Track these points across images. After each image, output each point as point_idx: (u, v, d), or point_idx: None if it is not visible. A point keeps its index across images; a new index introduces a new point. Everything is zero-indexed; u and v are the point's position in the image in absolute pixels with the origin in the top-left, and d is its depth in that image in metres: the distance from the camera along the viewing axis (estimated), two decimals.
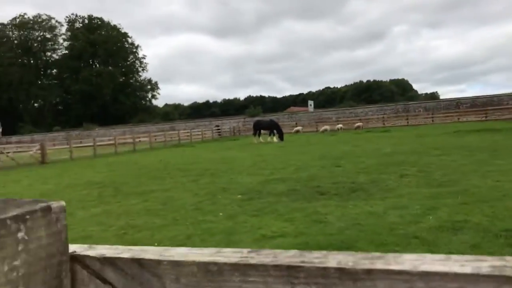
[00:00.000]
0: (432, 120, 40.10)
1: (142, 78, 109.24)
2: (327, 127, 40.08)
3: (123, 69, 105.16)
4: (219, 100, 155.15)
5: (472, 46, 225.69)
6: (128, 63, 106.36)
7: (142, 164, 19.94)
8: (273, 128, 30.28)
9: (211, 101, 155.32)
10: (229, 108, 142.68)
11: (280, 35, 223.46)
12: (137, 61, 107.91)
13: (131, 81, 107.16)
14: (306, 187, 10.06)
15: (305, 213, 7.27)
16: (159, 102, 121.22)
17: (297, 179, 11.34)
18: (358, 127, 39.49)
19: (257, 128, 30.60)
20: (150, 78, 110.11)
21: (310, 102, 56.76)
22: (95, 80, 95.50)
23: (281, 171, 13.35)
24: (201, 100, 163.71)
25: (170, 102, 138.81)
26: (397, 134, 28.85)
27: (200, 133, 42.86)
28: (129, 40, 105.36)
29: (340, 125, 40.49)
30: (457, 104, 41.96)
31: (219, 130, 46.48)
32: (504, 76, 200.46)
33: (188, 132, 41.50)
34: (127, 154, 29.16)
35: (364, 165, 13.21)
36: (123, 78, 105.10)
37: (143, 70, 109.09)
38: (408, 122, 40.85)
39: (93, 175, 16.76)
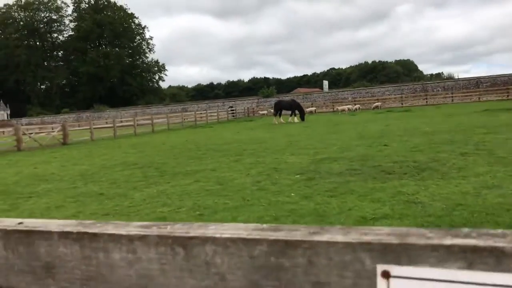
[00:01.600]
0: (452, 100, 39.43)
1: (149, 59, 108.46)
2: (347, 106, 39.50)
3: (130, 51, 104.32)
4: (222, 82, 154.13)
5: (476, 25, 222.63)
6: (135, 44, 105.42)
7: (169, 145, 19.57)
8: (294, 108, 29.79)
9: (215, 83, 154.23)
10: (234, 90, 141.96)
11: (282, 15, 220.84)
12: (144, 42, 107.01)
13: (138, 62, 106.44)
14: (365, 166, 9.65)
15: (388, 193, 6.88)
16: (162, 84, 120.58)
17: (350, 159, 10.93)
18: (377, 106, 38.90)
19: (278, 108, 30.11)
20: (157, 60, 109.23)
21: (325, 82, 56.00)
22: (103, 61, 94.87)
23: (325, 151, 12.93)
24: (204, 82, 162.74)
25: (173, 84, 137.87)
26: (421, 113, 28.31)
27: (216, 114, 42.38)
28: (136, 21, 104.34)
29: (358, 105, 39.89)
30: (477, 83, 41.22)
31: (233, 111, 45.98)
32: (508, 56, 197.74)
33: (204, 113, 41.03)
34: (147, 135, 28.80)
35: (412, 144, 12.78)
36: (130, 59, 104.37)
37: (150, 51, 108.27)
38: (427, 102, 40.20)
39: (124, 155, 16.41)
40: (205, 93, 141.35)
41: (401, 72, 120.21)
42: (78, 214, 7.39)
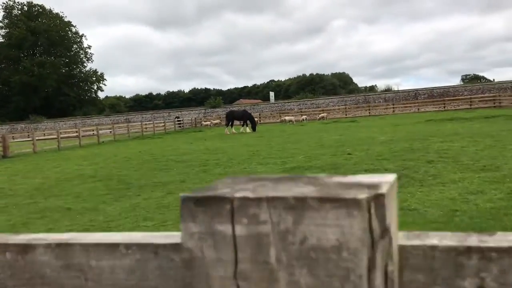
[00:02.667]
0: (393, 110, 41.19)
1: (87, 69, 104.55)
2: (292, 117, 40.10)
3: (67, 60, 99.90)
4: (162, 93, 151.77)
5: (405, 41, 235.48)
6: (72, 53, 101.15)
7: (122, 156, 18.82)
8: (246, 118, 29.80)
9: (154, 93, 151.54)
10: (174, 100, 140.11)
11: (221, 27, 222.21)
12: (81, 51, 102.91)
13: (75, 72, 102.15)
14: (339, 174, 9.72)
15: None
16: (100, 95, 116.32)
17: (320, 167, 11.01)
18: (323, 117, 39.81)
19: (231, 118, 29.96)
20: (95, 69, 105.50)
21: (271, 94, 56.60)
22: (37, 70, 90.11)
23: (292, 160, 12.96)
24: (143, 92, 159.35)
25: (110, 94, 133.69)
26: (368, 123, 29.27)
27: (163, 124, 41.45)
28: (73, 29, 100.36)
29: (305, 116, 40.62)
30: (415, 95, 43.39)
31: (179, 122, 45.21)
32: (435, 70, 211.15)
33: (150, 123, 40.02)
34: (94, 147, 27.58)
35: (375, 152, 13.10)
36: (67, 68, 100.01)
37: (88, 60, 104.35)
38: (369, 113, 41.71)
39: (78, 168, 15.56)
40: (144, 103, 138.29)
41: (337, 85, 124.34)
42: (50, 231, 6.82)
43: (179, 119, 45.79)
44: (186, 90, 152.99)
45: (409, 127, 22.80)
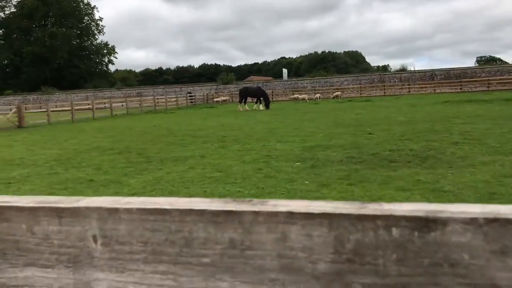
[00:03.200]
0: (409, 91, 40.62)
1: (98, 41, 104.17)
2: (305, 95, 39.75)
3: (78, 31, 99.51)
4: (171, 67, 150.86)
5: (420, 20, 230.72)
6: (84, 25, 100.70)
7: (138, 130, 18.77)
8: (260, 95, 29.51)
9: (163, 68, 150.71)
10: (183, 75, 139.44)
11: (232, 2, 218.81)
12: (93, 23, 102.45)
13: (86, 44, 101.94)
14: (364, 154, 9.58)
15: (407, 181, 6.80)
16: (111, 68, 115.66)
17: (342, 147, 10.85)
18: (337, 96, 39.39)
19: (244, 95, 29.69)
20: (107, 42, 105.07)
21: (285, 71, 55.98)
22: (49, 41, 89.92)
23: (311, 139, 12.80)
24: (152, 66, 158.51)
25: (119, 68, 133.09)
26: (384, 103, 28.90)
27: (175, 99, 41.31)
28: (85, 1, 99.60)
29: (318, 94, 40.22)
30: (431, 75, 42.69)
31: (191, 97, 44.99)
32: (449, 51, 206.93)
33: (162, 98, 39.90)
34: (107, 120, 27.59)
35: (396, 132, 12.90)
36: (78, 40, 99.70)
37: (99, 33, 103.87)
38: (384, 92, 41.18)
39: (94, 140, 15.54)
40: (154, 78, 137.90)
41: (349, 63, 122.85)
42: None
43: (191, 95, 45.58)
44: (196, 66, 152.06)
45: (427, 108, 22.45)
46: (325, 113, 23.17)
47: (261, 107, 29.48)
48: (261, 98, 29.54)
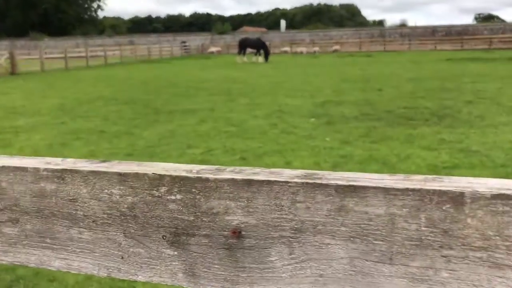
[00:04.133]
0: (409, 47, 40.02)
1: None
2: (303, 49, 39.06)
3: None
4: (161, 16, 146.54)
5: None
6: None
7: (138, 80, 18.35)
8: (260, 47, 28.83)
9: (153, 16, 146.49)
10: (174, 24, 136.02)
11: None
12: None
13: None
14: (378, 111, 9.43)
15: (431, 140, 6.70)
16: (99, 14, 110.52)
17: (354, 103, 10.67)
18: (336, 50, 38.72)
19: (244, 46, 28.99)
20: None
21: (283, 22, 54.57)
22: None
23: (320, 94, 12.58)
24: (141, 14, 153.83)
25: (107, 15, 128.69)
26: (385, 59, 28.51)
27: (170, 49, 40.33)
28: None
29: (316, 48, 39.50)
30: (432, 31, 41.98)
31: (186, 47, 43.94)
32: (447, 7, 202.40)
33: (156, 47, 38.91)
34: (102, 68, 26.91)
35: (407, 90, 12.72)
36: None
37: None
38: (385, 48, 40.55)
39: (94, 90, 15.15)
40: (143, 26, 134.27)
41: (345, 17, 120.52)
42: (94, 153, 6.60)
43: (185, 45, 44.50)
44: (187, 14, 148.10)
45: (431, 65, 22.16)
46: (327, 67, 22.80)
47: (260, 59, 28.90)
48: (261, 50, 28.90)
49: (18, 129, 8.61)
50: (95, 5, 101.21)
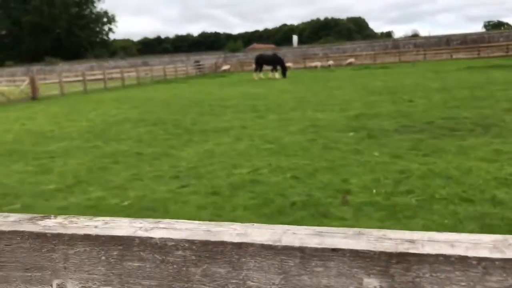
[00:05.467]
0: (424, 57, 39.74)
1: (97, 9, 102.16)
2: (317, 63, 39.03)
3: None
4: (170, 36, 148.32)
5: None
6: None
7: (160, 100, 18.32)
8: (277, 63, 28.79)
9: (162, 36, 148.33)
10: (183, 44, 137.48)
11: None
12: None
13: (86, 12, 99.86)
14: (417, 123, 9.20)
15: (486, 151, 6.44)
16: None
17: (388, 115, 10.45)
18: (350, 63, 38.59)
19: (260, 62, 28.97)
20: (106, 10, 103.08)
21: (295, 37, 54.74)
22: (47, 10, 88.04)
23: (349, 107, 12.39)
24: (149, 35, 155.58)
25: (117, 37, 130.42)
26: (402, 70, 28.26)
27: (185, 68, 40.54)
28: None
29: (331, 62, 39.42)
30: (447, 41, 41.72)
31: (199, 66, 44.17)
32: (454, 16, 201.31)
33: (172, 67, 39.13)
34: (121, 90, 27.04)
35: (438, 100, 12.47)
36: (77, 9, 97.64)
37: (98, 0, 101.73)
38: (399, 59, 40.31)
39: (119, 112, 15.12)
40: (152, 47, 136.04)
41: (353, 30, 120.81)
42: (139, 176, 6.44)
43: (199, 64, 44.74)
44: (195, 34, 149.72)
45: (452, 74, 21.88)
46: (346, 81, 22.61)
47: (277, 75, 28.82)
48: (277, 66, 28.85)
49: (53, 154, 8.52)
50: (106, 28, 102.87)
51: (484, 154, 6.27)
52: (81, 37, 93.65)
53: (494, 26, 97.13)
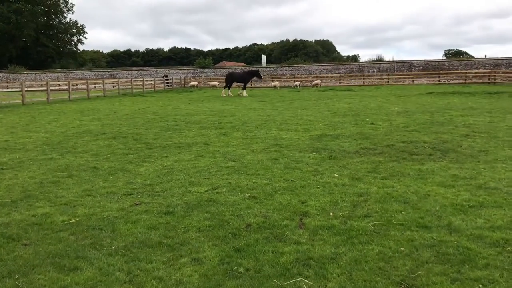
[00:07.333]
0: (387, 81, 40.77)
1: (67, 19, 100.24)
2: (276, 83, 39.73)
3: (46, 8, 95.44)
4: (140, 49, 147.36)
5: (389, 11, 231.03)
6: (52, 2, 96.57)
7: (124, 114, 17.93)
8: (246, 81, 28.91)
9: (132, 49, 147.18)
10: (153, 58, 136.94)
11: None
12: (62, 1, 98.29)
13: (54, 22, 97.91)
14: (378, 145, 9.28)
15: (444, 176, 6.52)
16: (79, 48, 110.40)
17: (350, 137, 10.52)
18: (317, 84, 39.13)
19: (230, 80, 28.98)
20: (75, 21, 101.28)
21: (263, 57, 55.17)
22: (14, 18, 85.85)
23: (313, 127, 12.44)
24: (120, 48, 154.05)
25: (86, 48, 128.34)
26: (366, 93, 28.83)
27: (152, 82, 40.06)
28: None
29: (298, 82, 39.87)
30: (410, 66, 42.96)
31: (168, 81, 43.77)
32: (417, 43, 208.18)
33: (140, 80, 38.60)
34: (85, 102, 26.39)
35: (399, 123, 12.67)
36: (46, 18, 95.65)
37: (68, 11, 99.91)
38: (364, 82, 41.20)
39: (80, 123, 14.69)
40: (122, 59, 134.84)
41: (320, 52, 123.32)
42: (91, 192, 6.16)
43: (167, 78, 44.35)
44: (166, 49, 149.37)
45: (414, 98, 22.44)
46: (312, 101, 22.83)
47: (245, 93, 28.89)
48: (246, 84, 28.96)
49: (3, 166, 8.11)
50: (75, 38, 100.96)
51: (441, 179, 6.33)
52: (48, 47, 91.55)
53: (454, 54, 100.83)
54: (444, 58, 76.14)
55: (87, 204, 5.60)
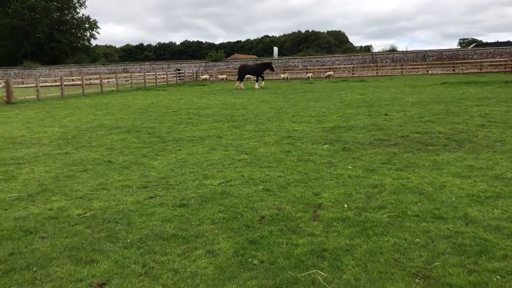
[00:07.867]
0: (401, 71, 40.34)
1: (79, 15, 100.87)
2: (286, 75, 39.49)
3: (59, 4, 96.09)
4: (152, 43, 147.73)
5: (401, 0, 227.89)
6: None
7: (137, 108, 18.04)
8: (260, 73, 28.87)
9: (144, 44, 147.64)
10: (165, 52, 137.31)
11: None
12: None
13: (67, 17, 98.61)
14: (392, 137, 9.20)
15: (460, 166, 6.44)
16: (92, 43, 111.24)
17: (364, 128, 10.44)
18: (329, 76, 38.87)
19: (243, 73, 28.96)
20: (88, 16, 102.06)
21: (275, 49, 54.95)
22: (28, 14, 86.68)
23: (326, 119, 12.37)
24: (132, 42, 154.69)
25: (99, 43, 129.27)
26: (380, 84, 28.56)
27: (164, 76, 40.21)
28: None
29: (310, 74, 39.65)
30: (424, 56, 42.43)
31: (180, 75, 43.89)
32: (430, 33, 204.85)
33: (152, 75, 38.76)
34: (99, 96, 26.60)
35: (413, 114, 12.54)
36: (59, 14, 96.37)
37: (81, 6, 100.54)
38: (377, 73, 40.82)
39: (94, 118, 14.82)
40: (134, 54, 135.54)
41: (333, 43, 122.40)
42: (106, 185, 6.23)
43: (179, 72, 44.46)
44: (177, 42, 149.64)
45: (428, 89, 22.17)
46: (325, 93, 22.70)
47: (257, 85, 28.83)
48: (259, 77, 28.91)
49: (20, 161, 8.22)
50: (87, 33, 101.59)
51: (457, 170, 6.26)
52: (62, 42, 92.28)
53: (469, 43, 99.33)
54: (458, 47, 74.97)
55: (102, 197, 5.66)
